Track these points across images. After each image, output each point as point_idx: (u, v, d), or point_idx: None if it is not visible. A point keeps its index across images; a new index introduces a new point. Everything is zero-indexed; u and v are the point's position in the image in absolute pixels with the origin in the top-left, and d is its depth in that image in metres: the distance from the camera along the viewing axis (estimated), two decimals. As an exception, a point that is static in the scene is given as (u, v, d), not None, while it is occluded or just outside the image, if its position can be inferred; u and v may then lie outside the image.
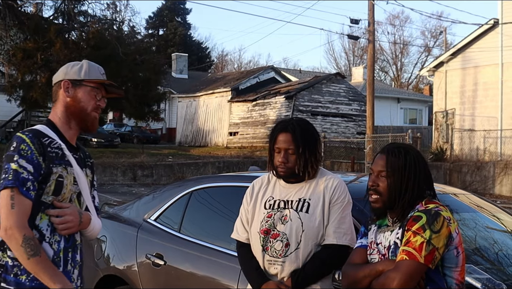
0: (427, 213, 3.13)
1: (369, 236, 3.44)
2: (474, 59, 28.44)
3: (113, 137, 40.77)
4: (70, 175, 3.16)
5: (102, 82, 3.36)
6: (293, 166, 3.72)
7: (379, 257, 3.31)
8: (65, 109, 3.26)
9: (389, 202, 3.27)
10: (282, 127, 3.79)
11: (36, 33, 31.27)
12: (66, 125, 3.26)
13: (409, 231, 3.12)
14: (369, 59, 30.71)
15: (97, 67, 3.37)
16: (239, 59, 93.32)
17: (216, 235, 4.92)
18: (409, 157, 3.27)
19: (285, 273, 3.67)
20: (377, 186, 3.29)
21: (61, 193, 3.12)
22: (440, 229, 3.09)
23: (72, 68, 3.30)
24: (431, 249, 3.06)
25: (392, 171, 3.25)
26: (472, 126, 28.10)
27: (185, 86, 51.09)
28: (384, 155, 3.33)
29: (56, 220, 3.09)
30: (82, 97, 3.26)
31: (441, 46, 60.67)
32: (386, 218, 3.37)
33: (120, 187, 25.33)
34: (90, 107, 3.28)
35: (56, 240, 3.12)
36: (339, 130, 39.89)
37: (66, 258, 3.18)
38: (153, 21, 72.19)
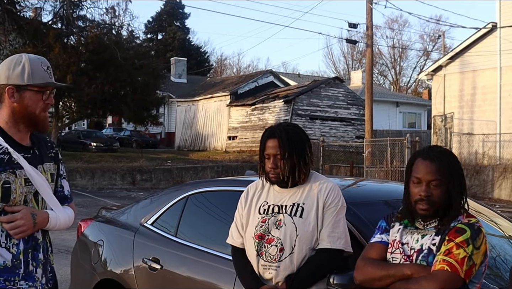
0: (471, 228, 3.09)
1: (391, 233, 3.37)
2: (473, 63, 28.46)
3: (112, 142, 40.82)
4: (19, 178, 3.12)
5: (46, 85, 3.25)
6: (283, 171, 3.74)
7: (403, 258, 3.24)
8: (12, 114, 3.18)
9: (442, 210, 3.18)
10: (269, 134, 3.81)
11: (35, 37, 31.33)
12: (14, 128, 3.20)
13: (451, 241, 3.05)
14: (367, 63, 30.74)
15: (40, 63, 3.22)
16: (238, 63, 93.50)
17: (212, 239, 4.93)
18: (453, 161, 3.21)
19: (279, 277, 3.68)
20: (431, 195, 3.16)
21: (10, 198, 3.09)
22: (480, 245, 3.06)
23: (13, 71, 3.16)
24: (471, 264, 3.02)
25: (444, 179, 3.16)
26: (470, 130, 28.11)
27: (184, 91, 51.09)
28: (432, 162, 3.19)
29: (7, 226, 3.07)
30: (29, 102, 3.18)
31: (440, 50, 60.76)
32: (415, 219, 3.31)
33: (119, 191, 25.34)
34: (38, 110, 3.21)
35: (14, 243, 3.11)
36: (337, 134, 39.90)
37: (27, 259, 3.17)
38: (152, 25, 72.25)
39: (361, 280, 3.33)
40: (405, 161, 22.83)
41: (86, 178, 26.25)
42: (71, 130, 46.73)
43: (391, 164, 24.03)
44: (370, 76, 30.22)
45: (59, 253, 10.46)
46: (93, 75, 32.91)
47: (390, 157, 24.13)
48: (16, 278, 3.10)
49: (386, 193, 5.24)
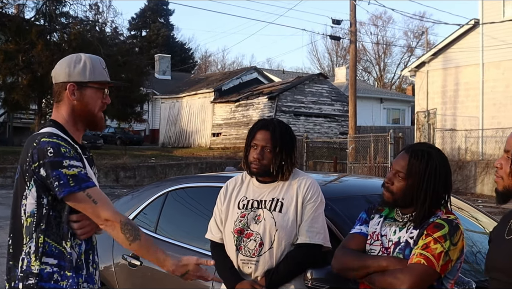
0: (450, 224, 3.11)
1: (371, 225, 3.38)
2: (455, 59, 28.58)
3: (96, 139, 40.64)
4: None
5: (107, 82, 3.24)
6: (267, 164, 3.74)
7: (381, 250, 3.26)
8: (71, 112, 3.14)
9: (401, 202, 3.23)
10: (262, 125, 3.82)
11: (17, 34, 31.15)
12: (74, 127, 3.16)
13: (429, 236, 3.08)
14: (351, 60, 30.79)
15: (99, 61, 3.22)
16: (223, 60, 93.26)
17: (192, 235, 4.93)
18: (432, 162, 3.20)
19: (259, 272, 3.70)
20: (391, 184, 3.25)
21: None
22: (457, 242, 3.08)
23: (75, 68, 3.13)
24: (447, 260, 3.05)
25: (410, 174, 3.19)
26: (453, 126, 28.23)
27: (168, 88, 51.01)
28: (407, 155, 3.25)
29: (75, 225, 3.02)
30: (89, 100, 3.15)
31: (424, 47, 60.95)
32: (393, 211, 3.34)
33: (102, 189, 24.80)
34: (97, 108, 3.19)
35: (77, 243, 3.06)
36: (322, 130, 39.97)
37: (87, 260, 3.12)
38: (136, 22, 72.02)
39: (338, 268, 3.36)
40: (388, 157, 22.96)
41: (70, 175, 26.11)
42: (55, 127, 46.46)
43: (375, 160, 24.11)
44: (353, 73, 30.28)
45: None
46: (76, 72, 32.74)
47: (374, 152, 24.21)
48: (80, 279, 3.04)
49: (366, 188, 5.27)
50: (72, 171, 2.90)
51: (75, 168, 2.91)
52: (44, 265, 2.94)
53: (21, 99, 31.05)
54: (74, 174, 2.89)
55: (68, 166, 2.89)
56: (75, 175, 2.90)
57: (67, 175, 2.88)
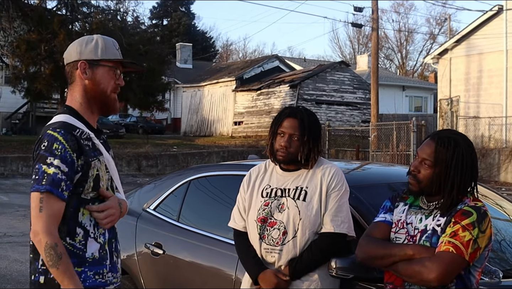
0: (477, 211, 3.06)
1: (395, 213, 3.34)
2: (479, 46, 28.33)
3: (118, 128, 40.83)
4: (102, 164, 3.01)
5: (120, 61, 3.13)
6: (294, 152, 3.71)
7: (407, 238, 3.21)
8: (84, 93, 3.04)
9: (427, 190, 3.18)
10: (290, 112, 3.79)
11: (39, 24, 31.28)
12: (89, 110, 3.06)
13: (457, 224, 3.02)
14: (373, 47, 30.64)
15: (112, 41, 3.12)
16: (244, 48, 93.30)
17: (215, 223, 4.92)
18: (458, 149, 3.14)
19: (282, 261, 3.67)
20: (418, 172, 3.19)
21: (100, 186, 2.98)
22: (486, 229, 3.03)
23: (86, 46, 3.05)
24: (476, 247, 2.99)
25: (437, 162, 3.14)
26: (477, 114, 28.02)
27: (189, 76, 51.03)
28: (433, 143, 3.18)
29: (100, 215, 2.95)
30: (101, 79, 3.04)
31: (446, 34, 60.46)
32: (418, 199, 3.30)
33: (125, 177, 25.37)
34: (110, 88, 3.07)
35: (101, 232, 3.00)
36: (343, 118, 39.84)
37: (111, 249, 3.07)
38: (157, 11, 72.05)
39: (363, 257, 3.31)
40: (411, 145, 22.81)
41: (92, 164, 26.26)
42: (77, 117, 46.62)
43: (397, 148, 23.98)
44: (375, 60, 30.13)
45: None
46: (98, 61, 32.87)
47: (396, 140, 24.08)
48: (104, 270, 2.99)
49: (390, 176, 5.23)
50: (50, 169, 2.81)
51: (53, 167, 2.81)
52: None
53: (44, 88, 31.24)
54: (49, 174, 2.80)
55: (49, 164, 2.81)
56: (50, 175, 2.80)
57: (45, 172, 2.81)
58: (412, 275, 3.06)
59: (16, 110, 40.61)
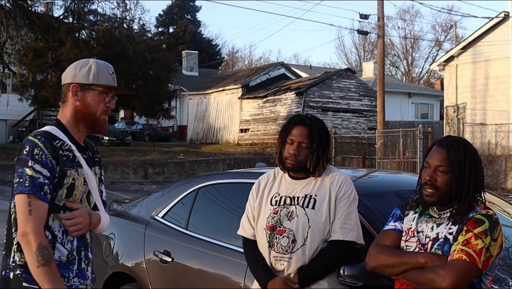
0: (489, 219, 3.07)
1: (405, 221, 3.34)
2: (485, 53, 28.30)
3: (125, 136, 40.86)
4: (80, 176, 3.18)
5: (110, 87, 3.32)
6: (303, 160, 3.72)
7: (418, 246, 3.21)
8: (74, 112, 3.24)
9: (447, 197, 3.16)
10: (299, 121, 3.79)
11: (46, 32, 31.41)
12: (75, 127, 3.26)
13: (470, 232, 3.03)
14: (379, 54, 30.62)
15: (106, 66, 3.32)
16: (250, 56, 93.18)
17: (223, 231, 4.93)
18: (469, 152, 3.17)
19: (291, 269, 3.68)
20: (434, 180, 3.17)
21: (73, 195, 3.15)
22: (497, 238, 3.04)
23: (80, 70, 3.25)
24: (488, 256, 2.99)
25: (452, 166, 3.14)
26: (483, 121, 27.96)
27: (195, 84, 51.08)
28: (443, 149, 3.19)
29: (67, 222, 3.11)
30: (91, 102, 3.24)
31: (452, 40, 60.41)
32: (428, 207, 3.29)
33: (131, 185, 25.41)
34: (100, 111, 3.27)
35: (69, 240, 3.16)
36: (350, 126, 39.81)
37: (80, 256, 3.22)
38: (163, 19, 72.21)
39: (373, 266, 3.30)
40: (417, 152, 22.75)
41: (99, 172, 26.27)
42: (84, 124, 46.70)
43: (404, 155, 23.92)
44: (381, 67, 30.11)
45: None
46: (105, 69, 32.96)
47: (403, 148, 24.02)
48: (71, 274, 3.14)
49: (397, 183, 5.22)
50: (32, 172, 2.98)
51: (35, 172, 2.98)
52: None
53: (51, 96, 31.30)
54: (32, 177, 2.97)
55: (31, 167, 2.98)
56: (33, 178, 2.97)
57: (28, 175, 2.97)
58: (425, 283, 3.05)
59: (23, 118, 40.71)
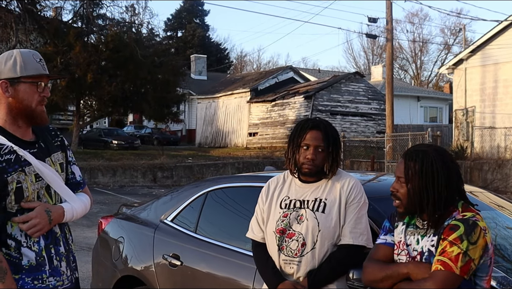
0: (465, 223, 3.04)
1: (395, 234, 3.35)
2: (494, 56, 28.21)
3: (133, 140, 40.98)
4: (29, 175, 3.09)
5: (41, 75, 3.19)
6: (320, 164, 3.73)
7: (408, 259, 3.22)
8: (9, 110, 3.12)
9: (410, 207, 3.18)
10: (313, 125, 3.79)
11: (55, 37, 31.47)
12: (14, 125, 3.14)
13: (445, 240, 3.02)
14: (387, 58, 30.58)
15: (31, 55, 3.17)
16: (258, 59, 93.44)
17: (232, 235, 4.93)
18: (427, 160, 3.14)
19: (301, 272, 3.67)
20: (396, 191, 3.22)
21: (24, 197, 3.06)
22: (477, 240, 3.00)
23: (5, 64, 3.12)
24: (468, 260, 2.97)
25: (409, 176, 3.16)
26: (492, 124, 27.87)
27: (204, 88, 51.18)
28: (403, 160, 3.23)
29: (23, 226, 3.03)
30: (24, 95, 3.12)
31: (461, 44, 60.31)
32: (414, 217, 3.28)
33: (140, 189, 25.43)
34: (35, 103, 3.14)
35: (35, 241, 3.09)
36: (358, 129, 39.77)
37: (50, 254, 3.15)
38: (172, 23, 72.41)
39: (366, 281, 3.34)
40: (426, 156, 22.69)
41: (108, 175, 26.34)
42: (92, 128, 46.91)
43: (413, 159, 23.83)
44: (390, 71, 30.06)
45: (80, 250, 10.53)
46: (114, 73, 33.05)
47: (412, 151, 23.96)
48: (44, 275, 3.10)
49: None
50: None
51: None
52: None
53: (60, 100, 31.38)
54: None
55: None
56: None
57: None
58: None
59: (32, 122, 40.81)
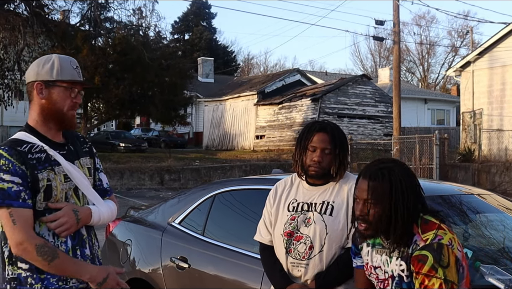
0: (431, 250, 2.94)
1: (362, 255, 3.32)
2: (502, 58, 28.15)
3: (141, 142, 41.03)
4: (59, 174, 3.13)
5: (75, 81, 3.27)
6: (327, 166, 3.72)
7: (378, 284, 3.19)
8: (41, 111, 3.20)
9: (382, 228, 3.08)
10: (320, 127, 3.79)
11: (63, 40, 31.58)
12: (45, 126, 3.21)
13: (419, 274, 2.94)
14: (394, 60, 30.56)
15: (69, 61, 3.27)
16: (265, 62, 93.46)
17: (240, 237, 4.93)
18: (394, 177, 3.05)
19: (308, 275, 3.67)
20: (365, 215, 3.08)
21: (52, 196, 3.10)
22: (449, 261, 2.92)
23: (43, 67, 3.20)
24: (450, 285, 2.89)
25: (378, 198, 3.04)
26: (500, 126, 27.80)
27: (211, 90, 51.22)
28: (366, 180, 3.09)
29: (52, 225, 3.07)
30: (57, 98, 3.20)
31: (468, 46, 60.18)
32: (378, 237, 3.21)
33: (147, 191, 25.46)
34: (66, 107, 3.22)
35: (62, 241, 3.13)
36: (365, 132, 39.73)
37: (76, 256, 3.18)
38: (179, 26, 72.51)
39: None
40: (434, 158, 22.67)
41: (115, 178, 26.37)
42: (100, 131, 47.02)
43: (420, 161, 23.82)
44: (397, 73, 30.03)
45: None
46: (121, 76, 33.15)
47: (419, 154, 23.92)
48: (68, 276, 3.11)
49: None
50: (1, 184, 2.96)
51: (5, 182, 2.96)
52: (20, 270, 3.05)
53: (67, 103, 31.44)
54: (2, 188, 2.95)
55: (0, 179, 2.96)
56: (3, 189, 2.95)
57: None
58: None
59: (40, 125, 40.95)
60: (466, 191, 5.02)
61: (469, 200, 4.76)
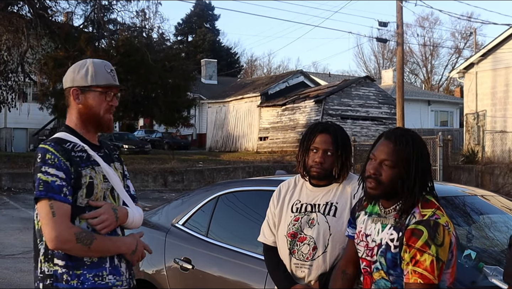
0: (427, 226, 2.92)
1: (357, 223, 3.29)
2: (505, 60, 28.12)
3: (144, 144, 41.08)
4: (98, 174, 3.21)
5: (110, 86, 3.34)
6: (329, 167, 3.72)
7: (366, 251, 3.16)
8: (79, 115, 3.29)
9: (391, 192, 3.07)
10: (322, 128, 3.80)
11: (66, 41, 31.62)
12: (84, 129, 3.29)
13: (412, 248, 2.91)
14: (398, 62, 30.54)
15: (103, 65, 3.34)
16: (269, 64, 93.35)
17: (243, 239, 4.94)
18: (417, 146, 3.06)
19: (312, 276, 3.68)
20: (379, 174, 3.06)
21: (93, 193, 3.17)
22: (443, 240, 2.90)
23: (78, 73, 3.29)
24: (441, 265, 2.88)
25: (398, 161, 3.03)
26: (504, 128, 27.77)
27: (214, 92, 51.25)
28: (390, 143, 3.08)
29: (93, 221, 3.13)
30: (93, 103, 3.28)
31: (472, 48, 60.13)
32: (376, 205, 3.21)
33: (151, 193, 25.46)
34: (103, 111, 3.30)
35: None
36: (369, 133, 39.71)
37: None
38: (182, 27, 72.57)
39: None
40: (437, 160, 22.67)
41: (119, 180, 26.35)
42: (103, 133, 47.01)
43: (423, 163, 23.80)
44: (401, 75, 30.02)
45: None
46: (124, 78, 33.15)
47: (422, 155, 23.92)
48: (104, 272, 3.16)
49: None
50: (46, 177, 3.03)
51: (50, 175, 3.03)
52: (56, 266, 3.09)
53: (70, 105, 31.49)
54: (46, 181, 3.02)
55: (44, 172, 3.03)
56: (47, 182, 3.02)
57: (41, 179, 3.03)
58: None
59: (44, 126, 41.06)
60: (469, 192, 5.01)
61: (472, 201, 4.76)
